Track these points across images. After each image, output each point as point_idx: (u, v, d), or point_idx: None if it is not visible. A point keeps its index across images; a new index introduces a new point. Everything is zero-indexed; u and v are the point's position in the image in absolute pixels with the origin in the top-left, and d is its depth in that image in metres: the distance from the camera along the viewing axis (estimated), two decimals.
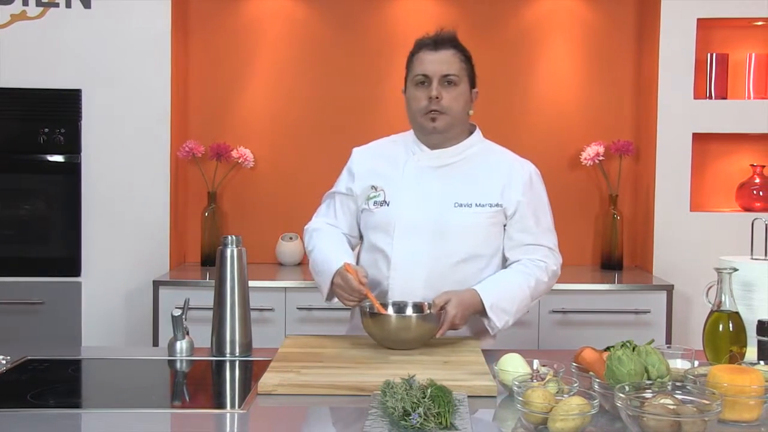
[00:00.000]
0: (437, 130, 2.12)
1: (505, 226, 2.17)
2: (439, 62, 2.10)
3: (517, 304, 2.10)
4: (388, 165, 2.21)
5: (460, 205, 2.11)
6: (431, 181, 2.15)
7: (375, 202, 2.17)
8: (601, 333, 3.17)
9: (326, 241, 2.20)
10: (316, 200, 2.38)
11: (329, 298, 2.15)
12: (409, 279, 2.11)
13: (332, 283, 2.09)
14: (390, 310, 2.03)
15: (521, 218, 2.15)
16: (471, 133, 2.22)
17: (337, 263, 2.07)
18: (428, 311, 2.00)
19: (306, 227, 2.31)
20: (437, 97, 2.09)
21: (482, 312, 2.06)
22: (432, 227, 2.11)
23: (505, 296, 2.08)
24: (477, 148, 2.20)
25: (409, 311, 2.04)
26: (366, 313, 1.96)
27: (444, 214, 2.11)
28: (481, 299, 2.04)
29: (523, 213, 2.15)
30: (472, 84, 2.18)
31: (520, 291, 2.11)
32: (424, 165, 2.16)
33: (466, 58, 2.16)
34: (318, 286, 2.19)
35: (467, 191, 2.13)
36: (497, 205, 2.13)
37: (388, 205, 2.15)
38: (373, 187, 2.18)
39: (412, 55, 2.17)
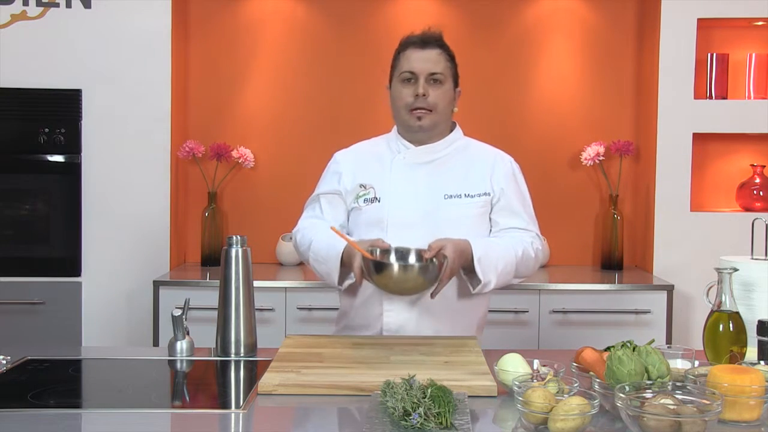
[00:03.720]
0: (423, 129, 2.15)
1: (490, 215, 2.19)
2: (425, 60, 2.13)
3: (503, 265, 2.07)
4: (374, 164, 2.22)
5: (450, 197, 2.14)
6: (419, 175, 2.17)
7: (365, 200, 2.17)
8: (601, 333, 3.17)
9: (321, 231, 2.16)
10: None
11: (341, 281, 2.12)
12: None
13: (342, 264, 2.06)
14: (392, 258, 1.99)
15: (507, 204, 2.18)
16: (452, 130, 2.25)
17: (341, 244, 2.04)
18: (426, 258, 1.97)
19: (294, 230, 2.29)
20: (424, 95, 2.11)
21: (470, 264, 2.03)
22: (424, 221, 2.12)
23: (493, 253, 2.06)
24: (459, 144, 2.24)
25: (412, 258, 2.01)
26: (368, 262, 1.92)
27: (435, 207, 2.13)
28: (471, 250, 2.02)
29: (509, 199, 2.18)
30: (456, 83, 2.21)
31: (507, 253, 2.09)
32: (410, 161, 2.19)
33: (451, 57, 2.19)
34: (325, 274, 2.13)
35: (456, 183, 2.15)
36: (486, 194, 2.16)
37: (379, 201, 2.16)
38: (362, 186, 2.19)
39: (399, 52, 2.19)
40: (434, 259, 1.95)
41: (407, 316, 2.13)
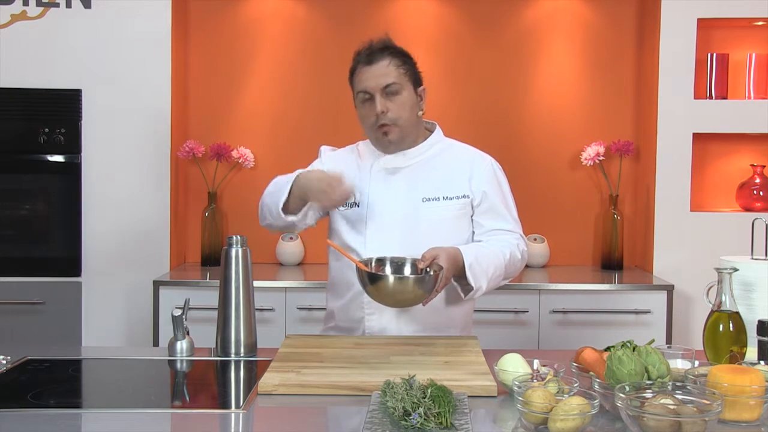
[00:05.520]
0: (392, 143, 2.16)
1: (472, 217, 2.18)
2: (376, 76, 2.12)
3: (493, 269, 2.08)
4: (353, 170, 2.22)
5: (429, 200, 2.15)
6: (398, 180, 2.18)
7: (345, 204, 2.18)
8: (601, 333, 3.17)
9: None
10: None
11: (287, 209, 2.09)
12: None
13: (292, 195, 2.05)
14: (387, 270, 2.01)
15: (491, 206, 2.18)
16: (431, 131, 2.25)
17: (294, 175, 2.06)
18: (421, 268, 1.97)
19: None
20: (383, 112, 2.10)
21: (461, 271, 2.03)
22: (402, 224, 2.13)
23: (483, 259, 2.06)
24: (439, 146, 2.23)
25: (407, 269, 2.01)
26: (363, 274, 1.91)
27: (414, 211, 2.14)
28: (462, 257, 2.02)
29: (493, 201, 2.18)
30: (417, 83, 2.18)
31: (496, 258, 2.10)
32: (389, 167, 2.19)
33: (404, 61, 2.16)
34: (274, 202, 2.11)
35: (434, 186, 2.16)
36: (464, 196, 2.16)
37: (358, 206, 2.17)
38: None
39: (352, 70, 2.19)
40: (429, 270, 1.95)
41: (389, 319, 2.14)
